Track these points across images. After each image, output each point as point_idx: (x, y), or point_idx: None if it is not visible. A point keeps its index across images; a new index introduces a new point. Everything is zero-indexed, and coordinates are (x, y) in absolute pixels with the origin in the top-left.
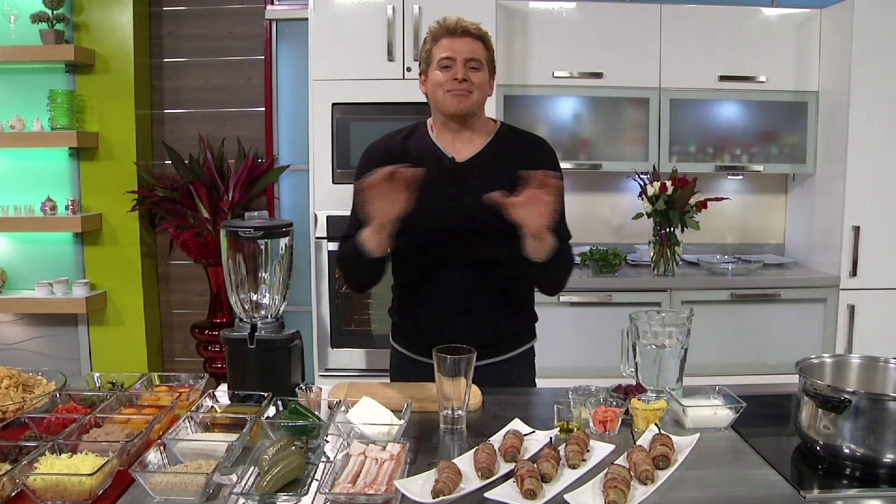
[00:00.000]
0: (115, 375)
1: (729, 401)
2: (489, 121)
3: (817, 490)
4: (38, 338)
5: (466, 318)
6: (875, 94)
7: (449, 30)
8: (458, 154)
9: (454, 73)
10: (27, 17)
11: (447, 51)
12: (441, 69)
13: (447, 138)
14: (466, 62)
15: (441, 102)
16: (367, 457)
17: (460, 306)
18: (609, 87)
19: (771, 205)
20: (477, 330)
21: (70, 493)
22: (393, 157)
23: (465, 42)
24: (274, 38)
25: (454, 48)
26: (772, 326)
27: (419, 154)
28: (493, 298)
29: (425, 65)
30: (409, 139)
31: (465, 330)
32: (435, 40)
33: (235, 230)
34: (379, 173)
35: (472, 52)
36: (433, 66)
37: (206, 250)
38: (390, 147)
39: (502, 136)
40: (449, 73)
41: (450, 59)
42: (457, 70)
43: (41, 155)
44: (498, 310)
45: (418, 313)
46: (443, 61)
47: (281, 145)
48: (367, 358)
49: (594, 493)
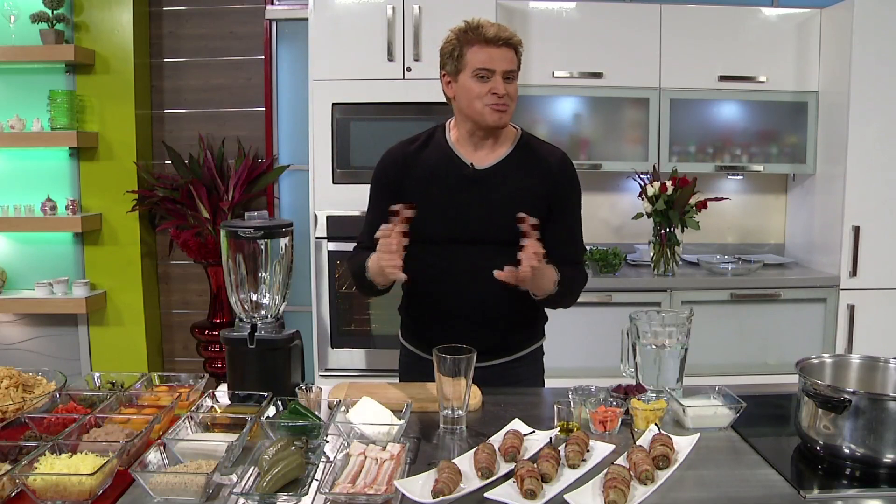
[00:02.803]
0: (115, 375)
1: (729, 401)
2: (510, 127)
3: (817, 490)
4: (38, 338)
5: (479, 324)
6: (875, 94)
7: (487, 39)
8: (478, 162)
9: (493, 87)
10: (27, 17)
11: (485, 62)
12: (477, 79)
13: (469, 145)
14: (504, 74)
15: (479, 115)
16: (367, 457)
17: (474, 312)
18: (609, 87)
19: (771, 205)
20: (489, 334)
21: (70, 493)
22: (408, 165)
23: (503, 52)
24: (274, 38)
25: (493, 60)
26: (772, 326)
27: (436, 162)
28: (508, 305)
29: (453, 67)
30: (426, 146)
31: (474, 334)
32: (468, 44)
33: (235, 230)
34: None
35: (510, 63)
36: (466, 72)
37: (206, 250)
38: (406, 154)
39: (523, 145)
40: (486, 84)
41: (488, 70)
42: (496, 84)
43: (41, 155)
44: (512, 316)
45: (430, 317)
46: (479, 72)
47: (281, 145)
48: (367, 358)
49: (594, 493)
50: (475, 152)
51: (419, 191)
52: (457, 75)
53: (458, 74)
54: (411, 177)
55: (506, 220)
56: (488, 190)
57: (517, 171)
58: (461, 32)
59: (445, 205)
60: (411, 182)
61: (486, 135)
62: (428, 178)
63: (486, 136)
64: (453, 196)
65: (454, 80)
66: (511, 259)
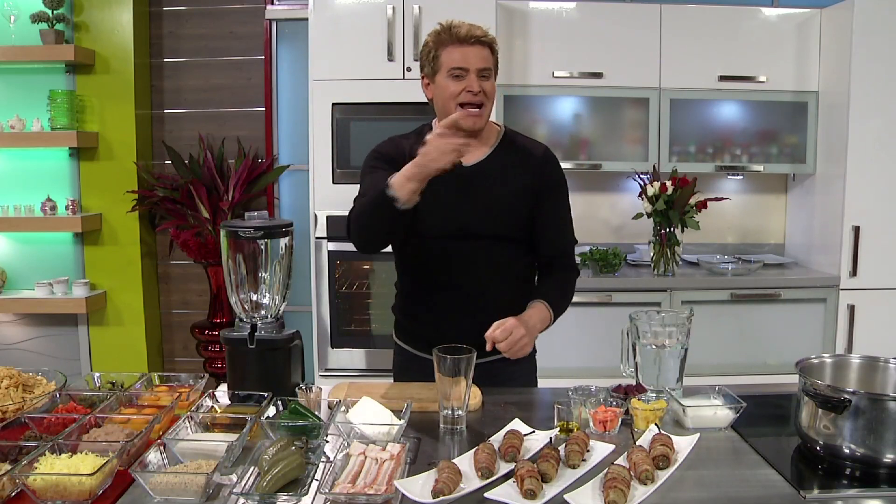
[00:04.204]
0: (115, 375)
1: (729, 401)
2: (493, 125)
3: (817, 490)
4: (38, 338)
5: (470, 320)
6: (875, 94)
7: (460, 38)
8: (465, 159)
9: (467, 85)
10: (27, 17)
11: (459, 61)
12: (452, 78)
13: None
14: (479, 72)
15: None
16: (367, 457)
17: (465, 308)
18: (609, 87)
19: (771, 205)
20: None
21: (70, 493)
22: (401, 155)
23: (476, 50)
24: (274, 38)
25: (466, 58)
26: (772, 326)
27: None
28: (498, 300)
29: (430, 69)
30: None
31: (468, 330)
32: (441, 45)
33: (235, 230)
34: (451, 119)
35: (484, 61)
36: (441, 73)
37: (206, 250)
38: (399, 146)
39: (507, 142)
40: (461, 83)
41: (462, 69)
42: (470, 82)
43: (41, 155)
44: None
45: (422, 314)
46: (454, 71)
47: (281, 145)
48: (367, 358)
49: (594, 493)
50: None
51: None
52: (434, 76)
53: (435, 76)
54: None
55: (495, 215)
56: (476, 186)
57: (503, 166)
58: (436, 34)
59: (436, 201)
60: None
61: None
62: None
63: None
64: (444, 193)
65: (432, 82)
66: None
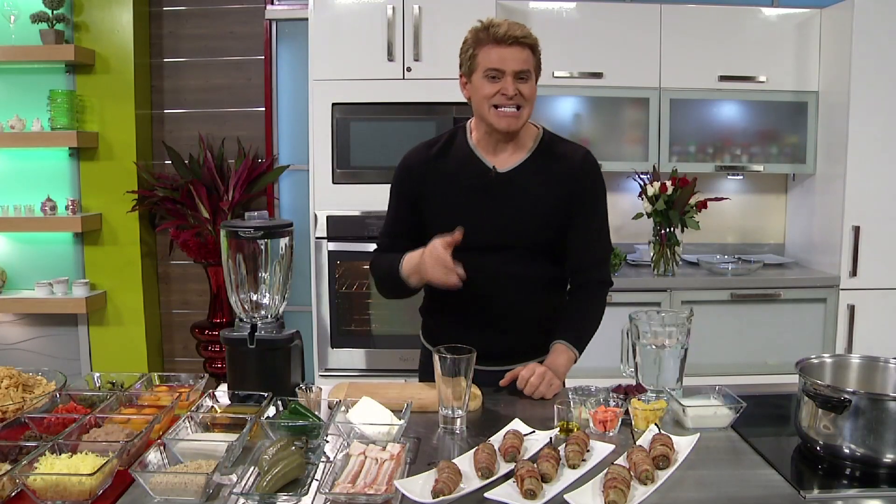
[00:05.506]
0: (115, 375)
1: (729, 401)
2: (531, 126)
3: (817, 490)
4: (38, 338)
5: (500, 329)
6: (875, 94)
7: (497, 38)
8: (499, 164)
9: (502, 87)
10: (27, 17)
11: (495, 62)
12: (488, 79)
13: (489, 147)
14: (516, 74)
15: (488, 118)
16: (367, 457)
17: (495, 318)
18: (609, 87)
19: (771, 205)
20: (509, 339)
21: (70, 493)
22: (421, 166)
23: (515, 52)
24: (274, 38)
25: (503, 60)
26: (772, 326)
27: (458, 165)
28: (529, 311)
29: (467, 69)
30: (447, 149)
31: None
32: (479, 44)
33: (235, 230)
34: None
35: (523, 63)
36: (478, 73)
37: (206, 250)
38: (426, 160)
39: (545, 145)
40: (496, 85)
41: (498, 70)
42: (506, 84)
43: (41, 155)
44: (532, 321)
45: (450, 321)
46: (490, 72)
47: (281, 145)
48: (367, 358)
49: (594, 493)
50: (496, 155)
51: (440, 196)
52: (471, 76)
53: (472, 75)
54: (431, 183)
55: (527, 226)
56: (510, 194)
57: (538, 173)
58: (474, 32)
59: (467, 210)
60: (431, 188)
61: (504, 137)
62: (449, 183)
63: (505, 139)
64: (475, 201)
65: (469, 81)
66: (531, 264)
